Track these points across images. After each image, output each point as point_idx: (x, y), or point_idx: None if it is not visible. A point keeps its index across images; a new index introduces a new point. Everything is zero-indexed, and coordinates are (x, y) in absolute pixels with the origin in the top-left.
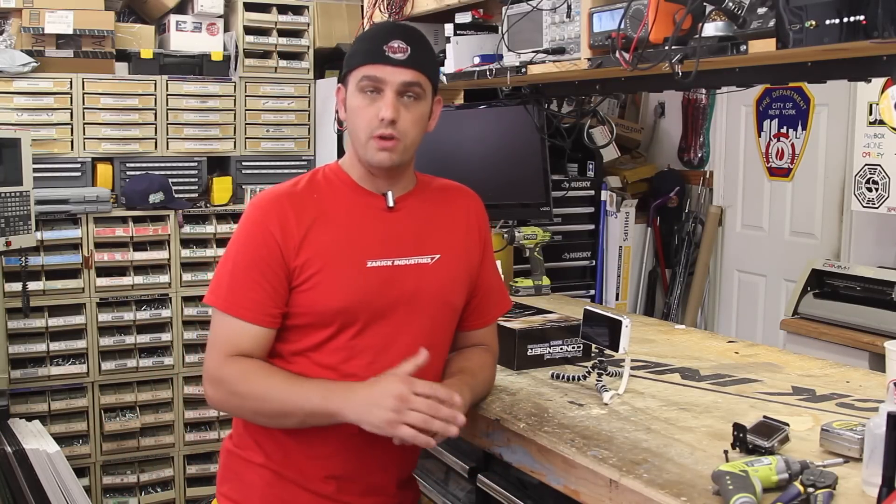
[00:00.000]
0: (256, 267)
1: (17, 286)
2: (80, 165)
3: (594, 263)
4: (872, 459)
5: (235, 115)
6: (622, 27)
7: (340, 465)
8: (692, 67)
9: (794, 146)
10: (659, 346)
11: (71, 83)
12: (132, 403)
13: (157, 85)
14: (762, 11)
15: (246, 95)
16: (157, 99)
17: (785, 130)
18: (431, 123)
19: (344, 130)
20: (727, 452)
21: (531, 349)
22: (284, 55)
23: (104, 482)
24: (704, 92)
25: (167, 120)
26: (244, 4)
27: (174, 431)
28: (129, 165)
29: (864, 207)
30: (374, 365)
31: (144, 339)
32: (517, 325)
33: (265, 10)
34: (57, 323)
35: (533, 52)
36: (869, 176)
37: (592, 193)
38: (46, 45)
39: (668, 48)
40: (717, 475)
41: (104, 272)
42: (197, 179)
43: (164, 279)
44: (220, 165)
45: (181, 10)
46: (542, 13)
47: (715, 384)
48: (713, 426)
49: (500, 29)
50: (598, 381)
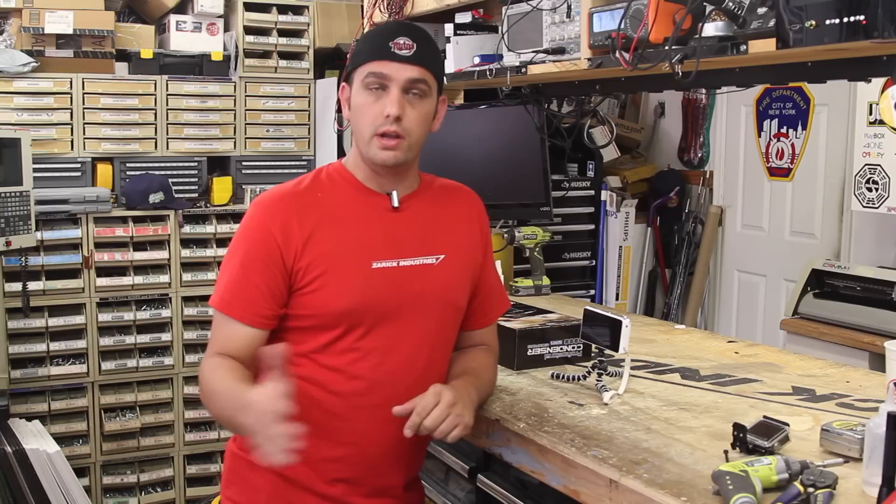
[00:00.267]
0: (254, 268)
1: (17, 286)
2: (80, 165)
3: (594, 263)
4: (872, 459)
5: (235, 115)
6: (622, 27)
7: (348, 467)
8: (692, 67)
9: (794, 146)
10: (659, 346)
11: (71, 83)
12: (132, 403)
13: (157, 85)
14: (762, 11)
15: (246, 95)
16: (157, 99)
17: (785, 130)
18: (436, 123)
19: (344, 130)
20: (727, 452)
21: (531, 349)
22: (284, 55)
23: (104, 482)
24: (704, 92)
25: (167, 120)
26: (244, 4)
27: (174, 431)
28: (129, 165)
29: (864, 207)
30: (380, 366)
31: (144, 339)
32: (517, 325)
33: (265, 10)
34: (57, 323)
35: (533, 52)
36: (869, 176)
37: (592, 193)
38: (46, 45)
39: (668, 48)
40: (717, 475)
41: (104, 272)
42: (197, 179)
43: (164, 279)
44: (220, 165)
45: (181, 10)
46: (542, 13)
47: (715, 384)
48: (713, 426)
49: (500, 29)
50: (598, 381)
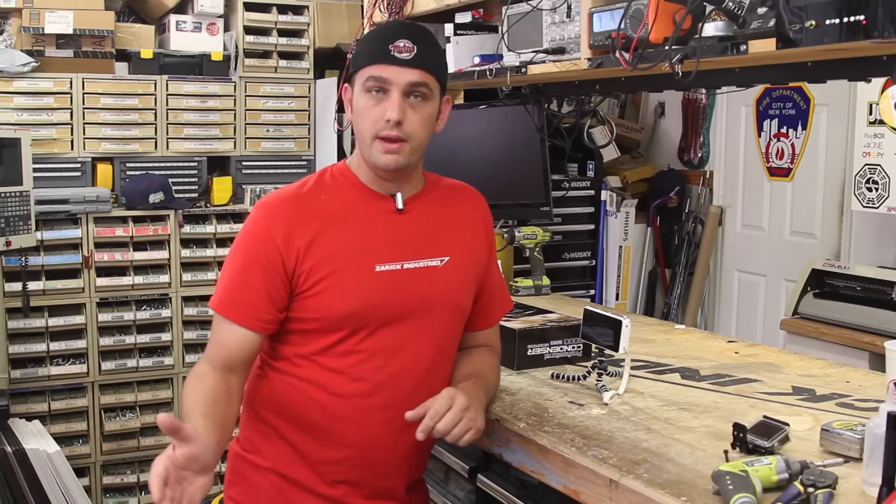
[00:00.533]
0: (254, 271)
1: (17, 286)
2: (80, 165)
3: (594, 263)
4: (872, 459)
5: (235, 115)
6: (622, 27)
7: (349, 469)
8: (692, 67)
9: (794, 146)
10: (659, 346)
11: (71, 83)
12: (132, 403)
13: (157, 85)
14: (762, 11)
15: (246, 95)
16: (157, 99)
17: (785, 130)
18: (440, 124)
19: (344, 130)
20: (727, 452)
21: (531, 349)
22: (284, 55)
23: (104, 482)
24: (704, 92)
25: (167, 120)
26: (244, 4)
27: None
28: (129, 165)
29: (864, 207)
30: (383, 369)
31: (144, 339)
32: (517, 325)
33: (265, 10)
34: (57, 323)
35: (533, 52)
36: (869, 176)
37: (592, 193)
38: (46, 45)
39: (668, 48)
40: (717, 475)
41: (104, 272)
42: (197, 179)
43: (164, 279)
44: (220, 165)
45: (181, 10)
46: (542, 13)
47: (715, 384)
48: (713, 426)
49: (500, 29)
50: (598, 380)
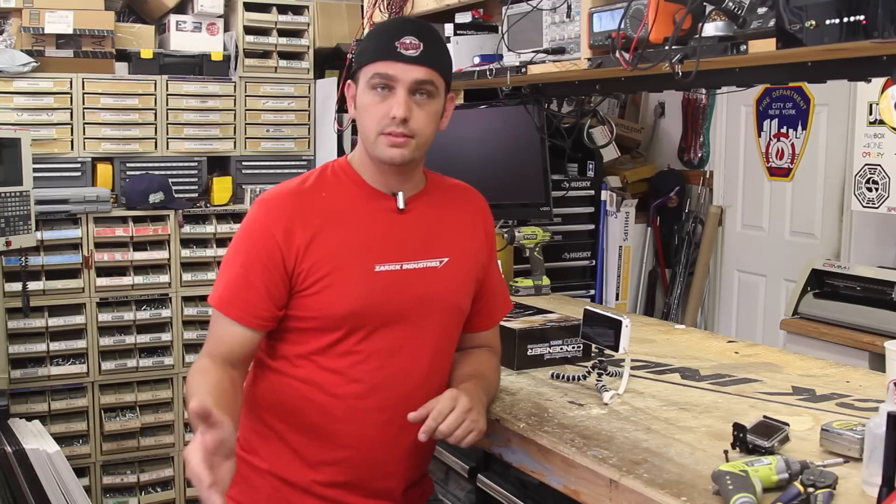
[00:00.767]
0: (254, 269)
1: (17, 286)
2: (80, 165)
3: (594, 263)
4: (872, 459)
5: (235, 115)
6: (622, 27)
7: (347, 470)
8: (692, 67)
9: (794, 146)
10: (659, 346)
11: (71, 83)
12: (132, 403)
13: (157, 85)
14: (762, 11)
15: (246, 95)
16: (157, 99)
17: (785, 130)
18: (444, 121)
19: (343, 130)
20: (727, 452)
21: (531, 349)
22: (284, 55)
23: (104, 482)
24: (704, 92)
25: (167, 120)
26: (244, 4)
27: (174, 431)
28: (129, 165)
29: (864, 207)
30: (381, 370)
31: (144, 339)
32: (517, 325)
33: (265, 10)
34: (57, 323)
35: (533, 52)
36: (869, 176)
37: (592, 193)
38: (46, 45)
39: (668, 48)
40: (717, 475)
41: (104, 272)
42: (197, 179)
43: (164, 279)
44: (220, 165)
45: (181, 10)
46: (542, 13)
47: (715, 384)
48: (713, 426)
49: (500, 29)
50: (598, 381)
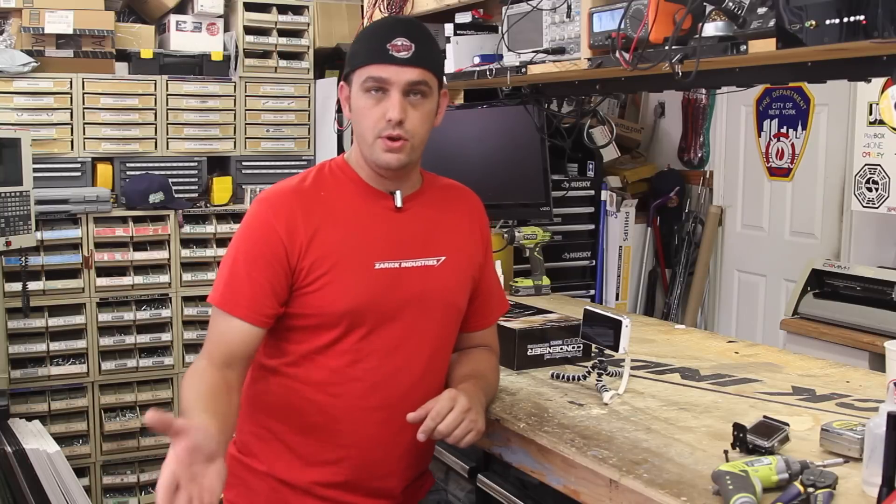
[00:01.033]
0: (256, 265)
1: (17, 286)
2: (80, 165)
3: (594, 263)
4: (872, 459)
5: (235, 115)
6: (622, 27)
7: (347, 470)
8: (692, 67)
9: (794, 146)
10: (659, 346)
11: (71, 83)
12: (132, 403)
13: (157, 85)
14: (762, 11)
15: (246, 95)
16: (157, 99)
17: (785, 130)
18: (438, 118)
19: (344, 130)
20: (727, 452)
21: (531, 349)
22: (284, 55)
23: (104, 482)
24: (704, 92)
25: (167, 120)
26: (244, 4)
27: None
28: (129, 165)
29: (864, 207)
30: (379, 368)
31: (144, 339)
32: (517, 325)
33: (265, 10)
34: (57, 323)
35: (533, 52)
36: (869, 176)
37: (592, 193)
38: (46, 45)
39: (668, 48)
40: (717, 475)
41: (104, 272)
42: (197, 179)
43: (164, 279)
44: (220, 165)
45: (181, 10)
46: (542, 13)
47: (715, 384)
48: (713, 426)
49: (500, 29)
50: (598, 381)
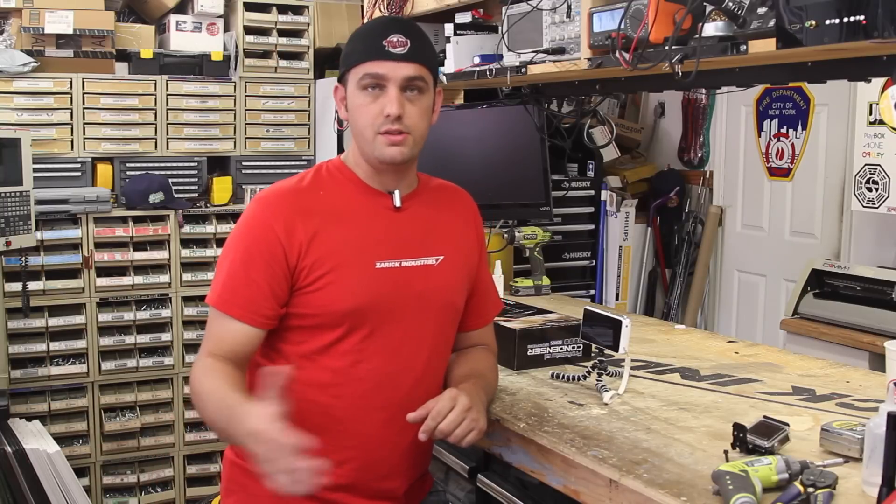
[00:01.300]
0: (255, 266)
1: (17, 286)
2: (80, 165)
3: (594, 263)
4: (872, 459)
5: (235, 115)
6: (622, 27)
7: (350, 472)
8: (692, 67)
9: (794, 146)
10: (659, 346)
11: (71, 83)
12: (132, 403)
13: (157, 85)
14: (762, 11)
15: (246, 95)
16: (157, 99)
17: (785, 130)
18: (434, 116)
19: (344, 130)
20: (727, 452)
21: (531, 349)
22: (284, 55)
23: (104, 482)
24: (704, 92)
25: (167, 120)
26: (244, 4)
27: (174, 431)
28: (129, 165)
29: (864, 207)
30: (381, 368)
31: (144, 339)
32: (517, 325)
33: (265, 10)
34: (57, 323)
35: (533, 52)
36: (869, 176)
37: (592, 193)
38: (46, 45)
39: (668, 48)
40: (717, 475)
41: (104, 272)
42: (197, 179)
43: (164, 279)
44: (220, 165)
45: (181, 10)
46: (542, 13)
47: (715, 384)
48: (713, 426)
49: (500, 29)
50: (598, 381)
